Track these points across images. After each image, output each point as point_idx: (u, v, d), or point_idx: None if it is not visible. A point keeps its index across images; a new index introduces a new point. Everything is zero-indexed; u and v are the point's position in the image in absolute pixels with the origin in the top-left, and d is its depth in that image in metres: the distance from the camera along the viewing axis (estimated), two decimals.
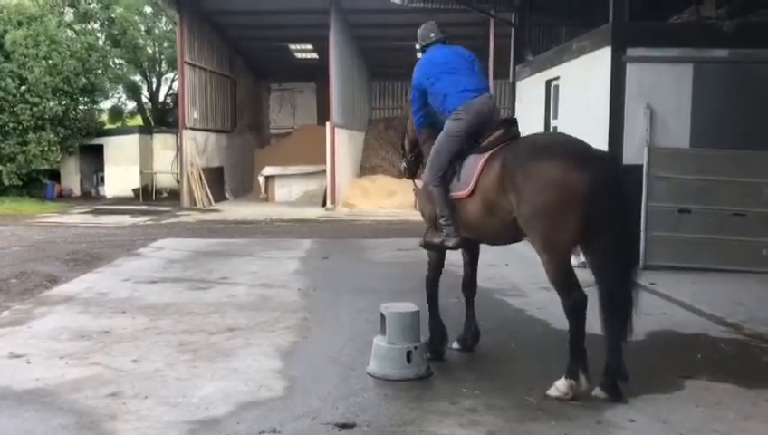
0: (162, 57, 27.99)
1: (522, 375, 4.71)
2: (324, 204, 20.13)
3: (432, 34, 5.25)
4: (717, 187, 8.47)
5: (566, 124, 10.52)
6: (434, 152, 4.93)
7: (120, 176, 23.58)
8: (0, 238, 12.59)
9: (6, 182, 21.48)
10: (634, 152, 8.75)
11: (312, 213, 18.29)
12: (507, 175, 4.40)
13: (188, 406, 4.02)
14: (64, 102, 22.30)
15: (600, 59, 9.03)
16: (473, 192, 4.66)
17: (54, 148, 21.84)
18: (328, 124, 20.07)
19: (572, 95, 10.28)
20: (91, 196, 24.08)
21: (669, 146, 8.68)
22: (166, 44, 26.99)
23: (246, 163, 24.47)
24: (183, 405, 4.03)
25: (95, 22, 26.34)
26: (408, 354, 4.50)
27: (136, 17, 26.48)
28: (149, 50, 27.62)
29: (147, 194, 22.90)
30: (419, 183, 5.45)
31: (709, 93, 8.64)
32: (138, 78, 28.81)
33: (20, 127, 21.23)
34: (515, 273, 8.61)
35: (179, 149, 20.42)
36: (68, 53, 22.10)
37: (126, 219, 16.93)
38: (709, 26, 9.17)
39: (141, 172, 23.42)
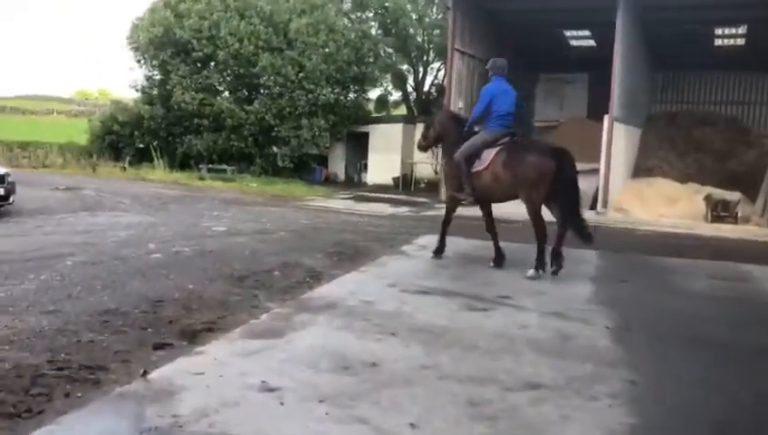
0: (430, 46, 27.58)
1: None
2: (593, 207, 17.89)
3: (505, 69, 8.44)
4: None
5: None
6: (469, 143, 8.25)
7: (382, 164, 23.62)
8: (270, 221, 12.65)
9: (280, 164, 22.62)
10: None
11: None
12: (508, 159, 7.86)
13: None
14: (336, 90, 22.78)
15: None
16: (487, 167, 8.00)
17: (324, 134, 22.47)
18: (606, 118, 17.77)
19: None
20: (353, 182, 24.53)
21: None
22: (436, 32, 26.46)
23: None
24: None
25: (370, 11, 26.74)
26: None
27: (408, 5, 26.35)
28: (419, 39, 27.37)
29: (405, 183, 22.61)
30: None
31: None
32: (405, 67, 28.82)
33: (295, 112, 22.13)
34: None
35: None
36: (343, 41, 22.51)
37: (386, 208, 16.51)
38: None
39: (402, 162, 23.21)
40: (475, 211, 8.96)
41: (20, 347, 4.41)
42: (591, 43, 23.64)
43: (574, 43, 24.25)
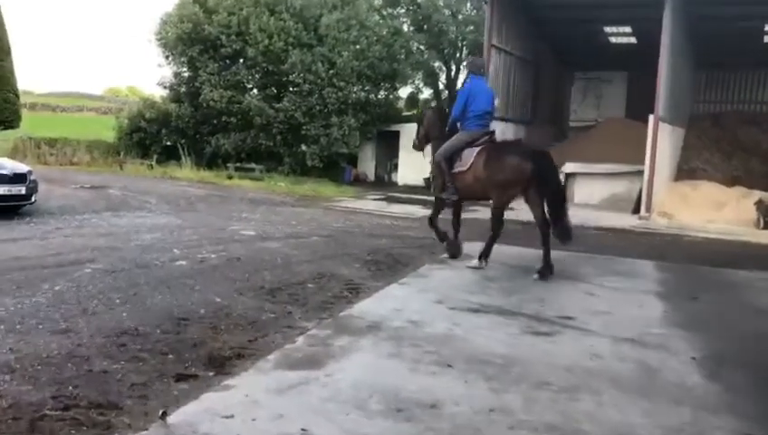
0: (464, 43, 26.80)
1: None
2: (637, 211, 17.05)
3: (483, 69, 9.38)
4: None
5: None
6: (448, 144, 8.39)
7: (413, 164, 22.90)
8: (301, 223, 12.07)
9: (309, 163, 22.03)
10: None
11: (622, 221, 15.39)
12: (488, 161, 7.98)
13: None
14: (367, 88, 22.16)
15: None
16: (469, 168, 8.17)
17: (354, 133, 21.84)
18: (651, 118, 16.88)
19: None
20: (383, 182, 23.89)
21: None
22: (469, 29, 25.67)
23: None
24: None
25: (401, 7, 26.07)
26: None
27: (441, 1, 25.61)
28: (452, 35, 26.62)
29: None
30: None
31: None
32: (437, 64, 28.08)
33: (325, 110, 21.53)
34: None
35: None
36: (374, 38, 21.89)
37: (418, 210, 15.83)
38: None
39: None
40: (521, 216, 8.54)
41: (22, 377, 3.83)
42: (632, 39, 22.72)
43: (614, 39, 23.31)
